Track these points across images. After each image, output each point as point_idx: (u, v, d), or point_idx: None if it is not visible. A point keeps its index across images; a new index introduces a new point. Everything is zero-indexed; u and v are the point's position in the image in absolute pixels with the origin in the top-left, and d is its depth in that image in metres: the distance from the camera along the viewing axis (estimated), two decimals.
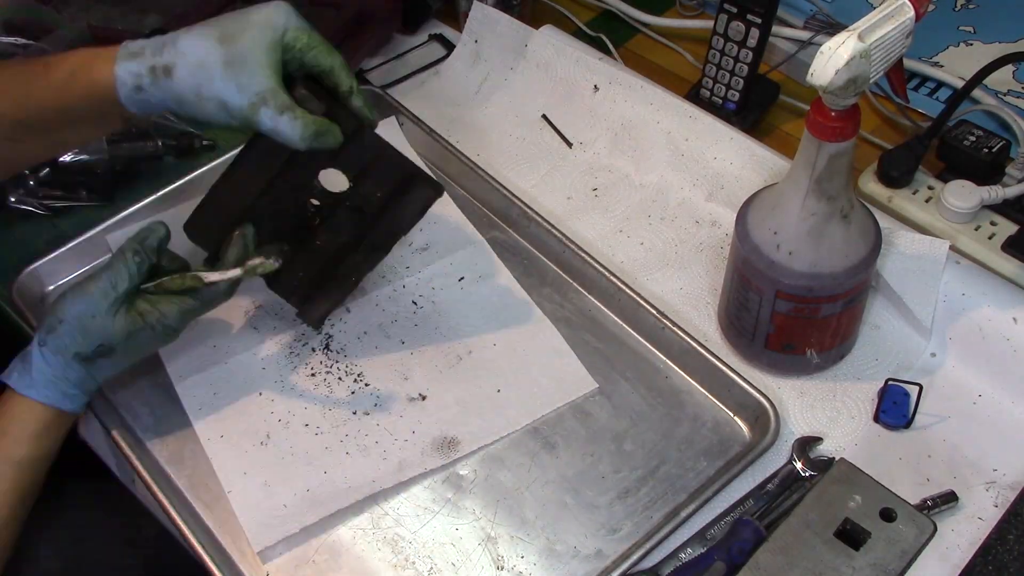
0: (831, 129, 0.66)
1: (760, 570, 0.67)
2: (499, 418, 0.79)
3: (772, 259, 0.73)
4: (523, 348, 0.83)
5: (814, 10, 1.08)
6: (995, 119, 0.96)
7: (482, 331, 0.85)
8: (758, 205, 0.76)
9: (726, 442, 0.78)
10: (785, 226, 0.72)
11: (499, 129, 1.04)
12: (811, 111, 0.67)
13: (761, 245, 0.74)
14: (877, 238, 0.75)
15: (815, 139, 0.67)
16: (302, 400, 0.81)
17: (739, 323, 0.80)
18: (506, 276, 0.89)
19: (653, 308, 0.83)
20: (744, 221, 0.76)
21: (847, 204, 0.71)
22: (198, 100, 0.70)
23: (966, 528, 0.71)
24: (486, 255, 0.90)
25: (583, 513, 0.74)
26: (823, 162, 0.68)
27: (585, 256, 0.88)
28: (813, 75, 0.63)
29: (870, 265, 0.74)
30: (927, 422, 0.78)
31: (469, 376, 0.82)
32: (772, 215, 0.73)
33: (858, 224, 0.73)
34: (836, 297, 0.74)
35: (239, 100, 0.69)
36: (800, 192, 0.70)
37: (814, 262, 0.72)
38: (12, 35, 0.99)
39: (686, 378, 0.82)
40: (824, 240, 0.72)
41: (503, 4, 1.09)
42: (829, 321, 0.76)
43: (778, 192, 0.74)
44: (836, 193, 0.70)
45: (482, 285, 0.88)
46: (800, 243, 0.72)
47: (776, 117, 1.03)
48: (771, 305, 0.75)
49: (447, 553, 0.73)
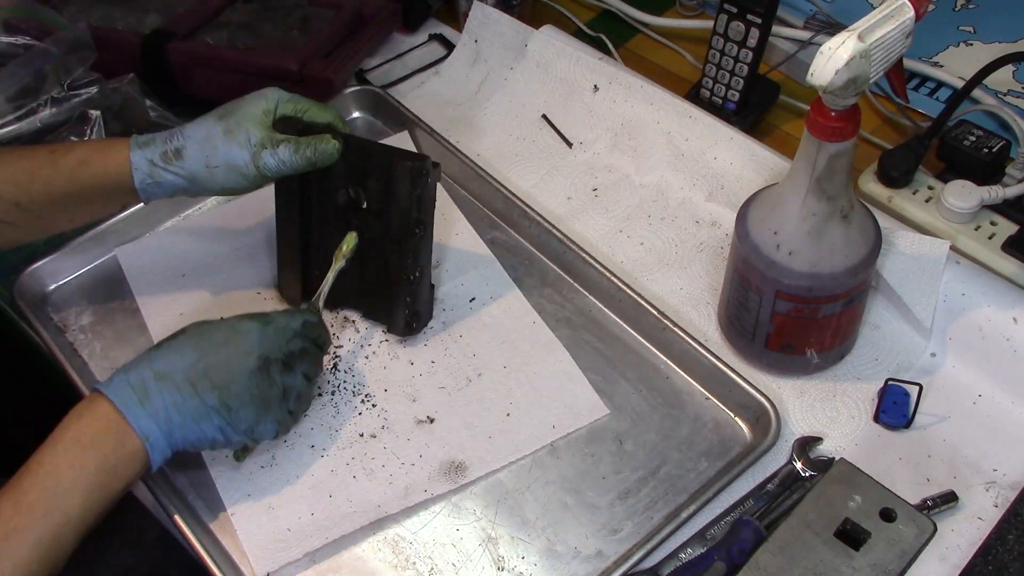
0: (831, 129, 0.66)
1: (760, 570, 0.67)
2: (508, 443, 0.78)
3: (772, 259, 0.73)
4: (534, 371, 0.82)
5: (814, 10, 1.08)
6: (995, 119, 0.96)
7: (492, 353, 0.84)
8: (758, 205, 0.76)
9: (727, 443, 0.78)
10: (785, 226, 0.72)
11: (499, 129, 1.04)
12: (811, 111, 0.67)
13: (761, 245, 0.74)
14: (877, 238, 0.75)
15: (815, 139, 0.67)
16: (308, 421, 0.79)
17: (739, 323, 0.80)
18: (518, 297, 0.88)
19: (654, 308, 0.83)
20: (744, 221, 0.76)
21: (847, 204, 0.71)
22: (209, 171, 0.78)
23: (966, 528, 0.71)
24: (498, 275, 0.89)
25: (584, 514, 0.74)
26: (823, 162, 0.68)
27: (586, 256, 0.88)
28: (813, 75, 0.63)
29: (870, 265, 0.74)
30: (927, 422, 0.78)
31: (478, 399, 0.81)
32: (772, 215, 0.73)
33: (858, 224, 0.73)
34: (836, 297, 0.74)
35: (242, 155, 0.77)
36: (800, 192, 0.70)
37: (814, 262, 0.72)
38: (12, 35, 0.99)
39: (687, 378, 0.82)
40: (824, 240, 0.72)
41: (503, 4, 1.09)
42: (829, 321, 0.76)
43: (778, 192, 0.74)
44: (836, 193, 0.70)
45: (493, 306, 0.87)
46: (800, 243, 0.72)
47: (776, 117, 1.03)
48: (771, 305, 0.75)
49: (448, 554, 0.73)
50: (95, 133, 0.96)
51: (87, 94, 0.97)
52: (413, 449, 0.78)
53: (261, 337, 0.71)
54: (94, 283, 0.92)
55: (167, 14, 1.08)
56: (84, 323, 0.89)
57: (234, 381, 0.69)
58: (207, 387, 0.68)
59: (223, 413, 0.69)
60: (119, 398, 0.67)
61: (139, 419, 0.67)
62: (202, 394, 0.68)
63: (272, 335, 0.72)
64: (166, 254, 0.92)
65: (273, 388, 0.71)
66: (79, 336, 0.88)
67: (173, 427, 0.68)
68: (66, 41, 0.98)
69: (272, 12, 1.08)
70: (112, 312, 0.89)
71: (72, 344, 0.87)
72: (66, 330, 0.88)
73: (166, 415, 0.68)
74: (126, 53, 1.03)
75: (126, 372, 0.69)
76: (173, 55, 1.02)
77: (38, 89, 0.96)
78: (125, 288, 0.91)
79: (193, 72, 1.03)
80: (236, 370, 0.69)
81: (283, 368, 0.71)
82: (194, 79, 1.04)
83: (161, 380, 0.68)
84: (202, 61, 1.03)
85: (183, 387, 0.68)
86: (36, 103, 0.96)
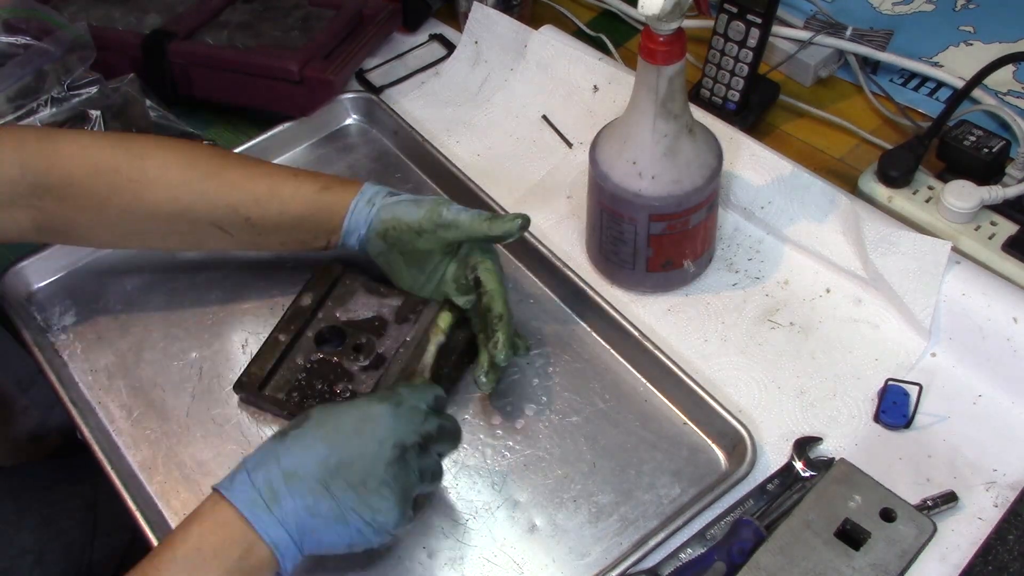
0: (667, 53, 0.72)
1: (760, 570, 0.67)
2: None
3: (638, 188, 0.79)
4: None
5: (814, 10, 1.08)
6: (995, 119, 0.96)
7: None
8: (606, 146, 0.81)
9: (701, 469, 0.76)
10: (642, 154, 0.78)
11: (499, 129, 1.04)
12: (644, 43, 0.73)
13: (624, 179, 0.79)
14: (719, 145, 0.82)
15: (653, 66, 0.73)
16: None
17: (617, 257, 0.85)
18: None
19: (636, 329, 0.82)
20: (599, 164, 0.81)
21: (690, 119, 0.78)
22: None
23: (966, 528, 0.71)
24: None
25: (552, 536, 0.73)
26: (664, 85, 0.74)
27: (570, 273, 0.86)
28: (644, 7, 0.69)
29: (720, 170, 0.81)
30: (927, 422, 0.78)
31: None
32: (626, 148, 0.79)
33: (702, 136, 0.80)
34: (700, 205, 0.80)
35: (419, 212, 0.78)
36: (648, 119, 0.76)
37: (676, 179, 0.78)
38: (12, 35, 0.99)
39: (665, 402, 0.80)
40: (680, 156, 0.78)
41: (503, 4, 1.09)
42: (698, 229, 0.83)
43: (625, 127, 0.79)
44: (680, 111, 0.77)
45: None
46: (659, 165, 0.78)
47: (776, 117, 1.03)
48: (646, 230, 0.81)
49: (413, 572, 0.72)
50: None
51: (87, 94, 0.97)
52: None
53: (395, 422, 0.65)
54: (79, 283, 0.92)
55: (167, 14, 1.08)
56: (67, 323, 0.88)
57: (371, 476, 0.63)
58: (342, 486, 0.62)
59: (362, 513, 0.63)
60: (244, 503, 0.61)
61: (268, 526, 0.61)
62: (337, 495, 0.62)
63: (406, 417, 0.66)
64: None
65: (411, 475, 0.65)
66: (60, 336, 0.88)
67: (305, 532, 0.62)
68: (66, 41, 0.98)
69: (272, 12, 1.08)
70: (95, 313, 0.89)
71: (54, 344, 0.87)
72: (48, 330, 0.88)
73: (297, 520, 0.61)
74: (126, 53, 1.03)
75: (250, 472, 0.62)
76: (173, 55, 1.02)
77: (38, 89, 0.96)
78: (109, 290, 0.91)
79: (193, 72, 1.03)
80: (372, 464, 0.63)
81: (419, 452, 0.66)
82: (194, 79, 1.04)
83: (291, 481, 0.62)
84: (202, 61, 1.03)
85: (315, 488, 0.62)
86: (36, 103, 0.95)
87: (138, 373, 0.85)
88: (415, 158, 1.01)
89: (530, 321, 0.86)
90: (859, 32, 1.03)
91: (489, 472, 0.77)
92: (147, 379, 0.84)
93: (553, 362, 0.83)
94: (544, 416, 0.80)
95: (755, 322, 0.85)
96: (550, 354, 0.84)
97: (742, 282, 0.88)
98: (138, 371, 0.85)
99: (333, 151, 1.03)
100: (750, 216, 0.91)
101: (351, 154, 1.03)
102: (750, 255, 0.90)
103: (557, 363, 0.83)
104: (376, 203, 0.79)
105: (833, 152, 0.99)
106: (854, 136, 1.00)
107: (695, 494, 0.74)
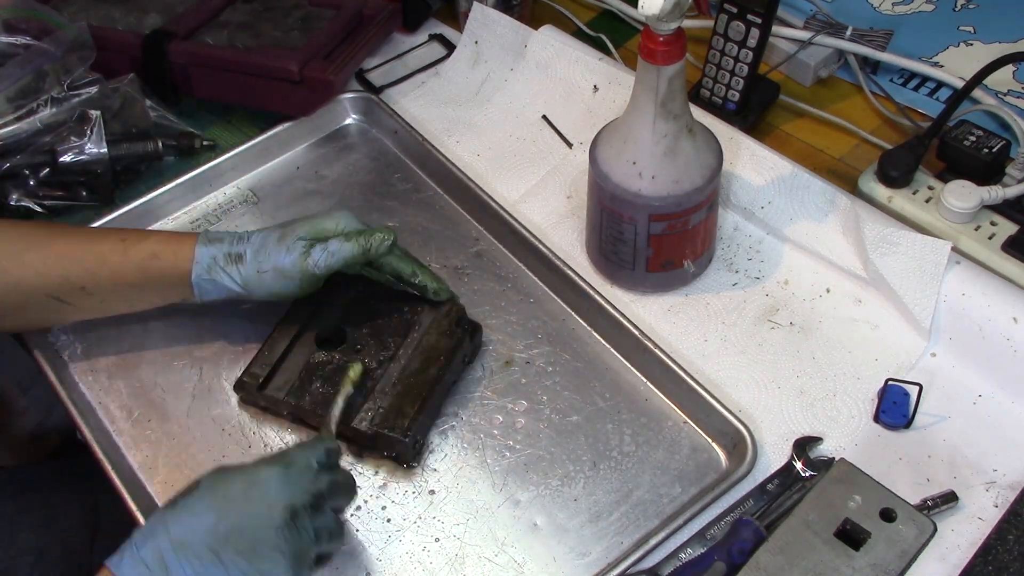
0: (667, 53, 0.72)
1: (760, 570, 0.67)
2: None
3: (638, 188, 0.79)
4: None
5: (814, 10, 1.08)
6: (995, 119, 0.96)
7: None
8: (606, 146, 0.81)
9: (702, 468, 0.76)
10: (641, 155, 0.78)
11: (499, 129, 1.04)
12: (644, 44, 0.73)
13: (624, 179, 0.79)
14: (719, 145, 0.82)
15: (654, 66, 0.73)
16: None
17: (617, 257, 0.85)
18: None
19: (636, 328, 0.82)
20: (599, 164, 0.81)
21: (690, 119, 0.78)
22: (259, 277, 0.78)
23: (966, 528, 0.71)
24: None
25: (553, 536, 0.73)
26: (664, 85, 0.74)
27: (570, 273, 0.86)
28: (644, 6, 0.69)
29: (720, 170, 0.81)
30: (927, 422, 0.78)
31: None
32: (626, 148, 0.79)
33: (702, 136, 0.80)
34: (701, 205, 0.80)
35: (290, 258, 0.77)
36: (648, 119, 0.76)
37: (676, 179, 0.78)
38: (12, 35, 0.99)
39: (666, 401, 0.80)
40: (679, 156, 0.78)
41: (503, 4, 1.09)
42: (698, 229, 0.83)
43: (625, 127, 0.79)
44: (680, 111, 0.77)
45: None
46: (659, 165, 0.78)
47: (776, 117, 1.03)
48: (647, 230, 0.81)
49: (414, 571, 0.72)
50: (95, 133, 0.96)
51: (87, 94, 0.97)
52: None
53: (284, 484, 0.64)
54: None
55: (167, 14, 1.08)
56: (67, 324, 0.88)
57: (261, 542, 0.62)
58: (231, 554, 0.61)
59: None
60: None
61: None
62: (227, 563, 0.61)
63: (296, 479, 0.65)
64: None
65: (304, 537, 0.64)
66: (61, 336, 0.87)
67: None
68: (66, 41, 0.98)
69: (272, 12, 1.08)
70: None
71: (54, 345, 0.87)
72: (49, 330, 0.88)
73: None
74: (126, 53, 1.03)
75: (138, 546, 0.61)
76: (173, 55, 1.02)
77: (38, 89, 0.96)
78: None
79: (193, 72, 1.03)
80: (262, 529, 0.62)
81: (311, 512, 0.65)
82: (194, 79, 1.04)
83: (180, 551, 0.60)
84: (202, 61, 1.03)
85: (205, 556, 0.60)
86: (36, 103, 0.95)
87: (138, 373, 0.85)
88: (415, 158, 1.01)
89: (530, 321, 0.86)
90: (859, 32, 1.03)
91: (490, 472, 0.77)
92: (147, 379, 0.84)
93: (553, 362, 0.83)
94: (544, 415, 0.80)
95: (755, 322, 0.85)
96: (550, 354, 0.84)
97: (742, 282, 0.88)
98: (138, 371, 0.85)
99: (333, 151, 1.04)
100: (750, 216, 0.91)
101: (351, 154, 1.03)
102: (750, 255, 0.90)
103: (557, 363, 0.83)
104: (220, 263, 0.78)
105: (833, 152, 0.99)
106: (854, 136, 1.00)
107: (695, 494, 0.75)
